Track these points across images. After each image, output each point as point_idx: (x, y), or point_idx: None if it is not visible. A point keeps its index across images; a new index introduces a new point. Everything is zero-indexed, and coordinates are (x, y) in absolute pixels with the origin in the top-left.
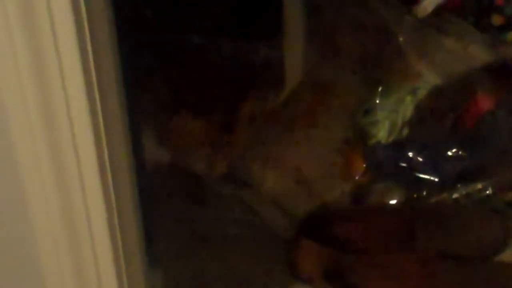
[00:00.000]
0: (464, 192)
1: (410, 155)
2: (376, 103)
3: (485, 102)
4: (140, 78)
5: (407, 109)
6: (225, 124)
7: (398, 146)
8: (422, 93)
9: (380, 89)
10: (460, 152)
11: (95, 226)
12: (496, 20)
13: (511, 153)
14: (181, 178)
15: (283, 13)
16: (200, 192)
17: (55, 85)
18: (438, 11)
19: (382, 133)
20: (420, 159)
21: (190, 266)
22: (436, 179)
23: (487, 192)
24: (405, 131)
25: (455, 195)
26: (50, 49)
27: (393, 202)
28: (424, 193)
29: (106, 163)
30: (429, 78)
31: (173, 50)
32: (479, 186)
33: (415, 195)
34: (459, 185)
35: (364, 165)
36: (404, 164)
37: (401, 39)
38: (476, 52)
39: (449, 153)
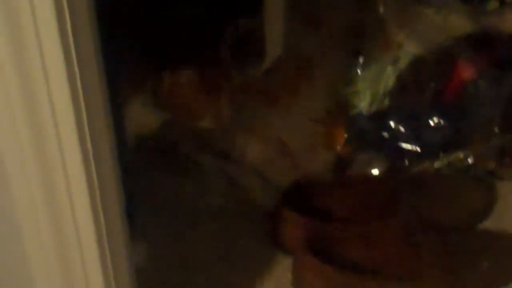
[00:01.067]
0: (446, 162)
1: (392, 125)
2: (358, 73)
3: (466, 71)
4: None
5: (389, 79)
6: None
7: (380, 116)
8: (403, 63)
9: (361, 59)
10: (442, 122)
11: (76, 199)
12: None
13: (492, 122)
14: (162, 150)
15: None
16: (182, 164)
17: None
18: None
19: (363, 103)
20: (402, 129)
21: (172, 239)
22: (418, 149)
23: (469, 161)
24: (387, 101)
25: (437, 165)
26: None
27: (375, 172)
28: (406, 162)
29: (87, 135)
30: (410, 48)
31: (154, 22)
32: (461, 155)
33: (397, 165)
34: (441, 155)
35: (346, 136)
36: (386, 134)
37: (381, 9)
38: (456, 22)
39: (431, 123)
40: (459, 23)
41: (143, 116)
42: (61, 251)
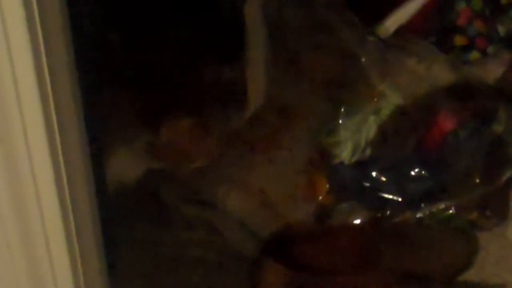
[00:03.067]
0: (427, 212)
1: (374, 175)
2: (339, 123)
3: (447, 122)
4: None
5: (370, 129)
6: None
7: (362, 166)
8: (385, 113)
9: (343, 109)
10: (423, 172)
11: (54, 248)
12: (459, 40)
13: (474, 173)
14: (144, 200)
15: (246, 36)
16: (163, 213)
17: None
18: (400, 32)
19: (345, 153)
20: (384, 179)
21: (153, 287)
22: (400, 199)
23: (450, 211)
24: (368, 151)
25: (419, 215)
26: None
27: (357, 222)
28: (388, 212)
29: (65, 186)
30: (392, 99)
31: (137, 70)
32: (442, 205)
33: (379, 215)
34: (422, 205)
35: (328, 186)
36: (367, 184)
37: (363, 59)
38: (438, 73)
39: (413, 173)
40: (441, 74)
41: (125, 166)
42: None
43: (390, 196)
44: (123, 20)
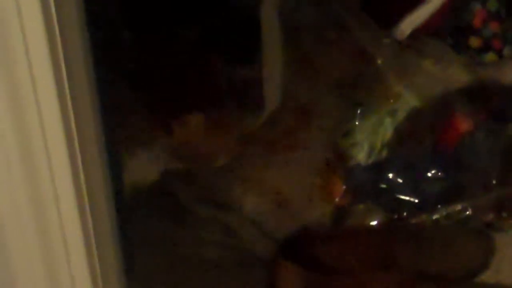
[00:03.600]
0: (444, 213)
1: (390, 177)
2: (356, 125)
3: (463, 123)
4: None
5: (386, 131)
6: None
7: (378, 168)
8: (401, 115)
9: (359, 111)
10: (439, 173)
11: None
12: (474, 42)
13: (490, 174)
14: (161, 200)
15: (262, 37)
16: (179, 213)
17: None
18: (416, 33)
19: (361, 155)
20: (400, 181)
21: (169, 287)
22: (416, 200)
23: (467, 213)
24: (385, 153)
25: (435, 216)
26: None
27: (373, 223)
28: (404, 214)
29: (82, 184)
30: (408, 100)
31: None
32: (459, 207)
33: (395, 216)
34: (439, 206)
35: (344, 187)
36: (383, 186)
37: (379, 61)
38: (454, 74)
39: (429, 174)
40: (457, 75)
41: (143, 166)
42: None
43: (406, 198)
44: (138, 19)
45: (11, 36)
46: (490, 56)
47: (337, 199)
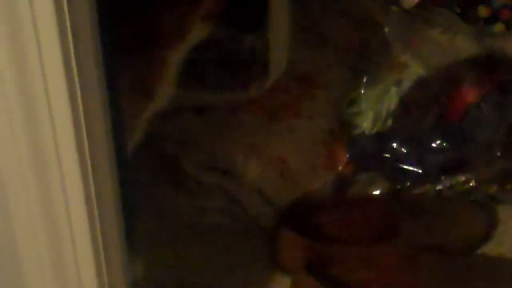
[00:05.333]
0: (447, 184)
1: (394, 146)
2: (361, 94)
3: (470, 94)
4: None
5: (392, 100)
6: None
7: (382, 137)
8: (407, 84)
9: (364, 80)
10: (444, 144)
11: (73, 212)
12: (483, 12)
13: (495, 146)
14: (162, 166)
15: (268, 4)
16: (181, 180)
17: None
18: (424, 2)
19: (366, 124)
20: (404, 150)
21: (171, 254)
22: (420, 171)
23: (471, 184)
24: (389, 122)
25: (438, 187)
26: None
27: (376, 193)
28: (407, 184)
29: (86, 149)
30: (414, 70)
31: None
32: (463, 178)
33: (398, 186)
34: (442, 177)
35: (348, 156)
36: (387, 155)
37: (386, 30)
38: (462, 44)
39: (433, 145)
40: (465, 45)
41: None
42: (57, 261)
43: (410, 168)
44: None
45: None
46: (498, 27)
47: (340, 168)
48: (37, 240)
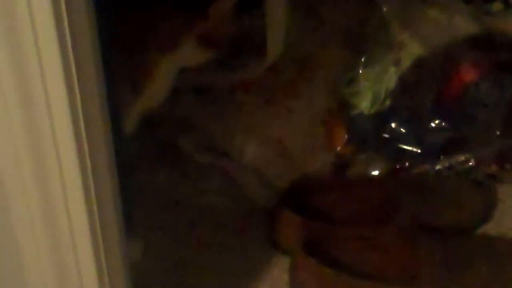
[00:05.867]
0: (446, 164)
1: (393, 126)
2: (359, 73)
3: (468, 74)
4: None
5: (390, 80)
6: None
7: (381, 117)
8: (405, 64)
9: (363, 59)
10: (443, 124)
11: (71, 195)
12: None
13: (494, 125)
14: (160, 147)
15: None
16: (179, 161)
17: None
18: None
19: (364, 104)
20: (403, 130)
21: (169, 237)
22: (419, 151)
23: (470, 164)
24: (388, 102)
25: (437, 167)
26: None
27: (375, 173)
28: (407, 164)
29: (82, 129)
30: (412, 49)
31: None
32: (462, 158)
33: (397, 166)
34: (441, 157)
35: (347, 136)
36: (386, 135)
37: (384, 9)
38: (460, 23)
39: (432, 125)
40: (463, 24)
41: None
42: (55, 247)
43: (409, 148)
44: None
45: None
46: (496, 5)
47: (339, 148)
48: (35, 230)
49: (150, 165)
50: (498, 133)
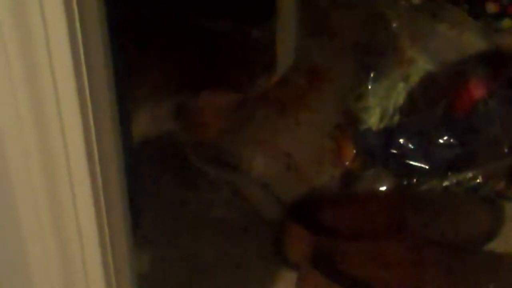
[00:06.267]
0: (454, 180)
1: (401, 142)
2: (368, 88)
3: (477, 90)
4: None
5: (399, 95)
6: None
7: (389, 133)
8: (414, 79)
9: (372, 74)
10: (451, 140)
11: (80, 203)
12: (491, 7)
13: (502, 142)
14: (169, 159)
15: None
16: (188, 174)
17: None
18: None
19: (373, 119)
20: (411, 146)
21: (176, 249)
22: (427, 167)
23: (478, 180)
24: (397, 118)
25: (445, 183)
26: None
27: (383, 188)
28: (415, 180)
29: (93, 142)
30: (422, 65)
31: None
32: (470, 174)
33: (405, 182)
34: (449, 173)
35: (355, 151)
36: (394, 151)
37: (394, 24)
38: (470, 40)
39: (440, 141)
40: (472, 41)
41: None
42: (63, 253)
43: (417, 164)
44: None
45: None
46: (506, 23)
47: (347, 163)
48: (44, 234)
49: (157, 176)
50: (506, 149)
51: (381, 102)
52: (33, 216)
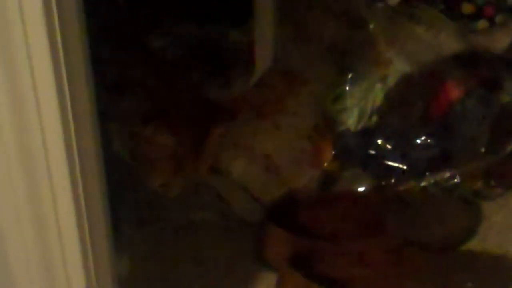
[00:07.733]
0: (432, 180)
1: (379, 143)
2: (346, 90)
3: (454, 90)
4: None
5: (377, 96)
6: (194, 142)
7: (367, 134)
8: (391, 81)
9: (349, 76)
10: (428, 140)
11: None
12: (467, 8)
13: (479, 142)
14: None
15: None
16: None
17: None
18: None
19: (351, 121)
20: (389, 147)
21: (155, 252)
22: (405, 167)
23: (455, 180)
24: (374, 119)
25: (423, 183)
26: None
27: (361, 189)
28: (392, 180)
29: (74, 148)
30: (399, 66)
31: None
32: (447, 174)
33: (383, 183)
34: (427, 173)
35: (333, 152)
36: (372, 152)
37: (371, 26)
38: (446, 41)
39: (418, 141)
40: (449, 42)
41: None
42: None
43: (395, 164)
44: None
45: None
46: (482, 23)
47: (325, 164)
48: (25, 238)
49: (137, 181)
50: (483, 149)
51: (359, 104)
52: (13, 219)
